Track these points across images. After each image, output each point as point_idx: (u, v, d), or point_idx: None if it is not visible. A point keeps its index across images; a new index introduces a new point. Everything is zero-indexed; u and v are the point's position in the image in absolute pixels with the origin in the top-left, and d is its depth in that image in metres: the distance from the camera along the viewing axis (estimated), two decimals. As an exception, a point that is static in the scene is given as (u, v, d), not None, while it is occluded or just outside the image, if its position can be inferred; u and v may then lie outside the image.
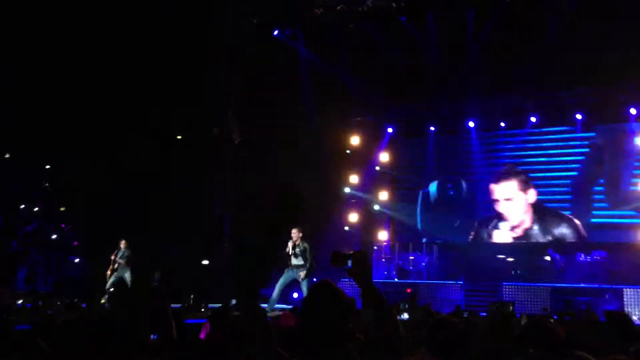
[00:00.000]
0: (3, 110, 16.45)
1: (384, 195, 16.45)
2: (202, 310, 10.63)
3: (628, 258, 13.01)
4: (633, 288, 11.49)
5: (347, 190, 16.37)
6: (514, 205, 15.02)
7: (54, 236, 17.07)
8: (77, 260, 16.42)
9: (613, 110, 14.05)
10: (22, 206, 17.12)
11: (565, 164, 14.78)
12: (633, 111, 13.78)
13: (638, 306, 10.71)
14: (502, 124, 15.31)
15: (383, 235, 16.29)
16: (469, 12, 13.76)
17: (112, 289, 11.11)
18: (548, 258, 13.59)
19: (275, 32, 15.31)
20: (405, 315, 6.92)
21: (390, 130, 16.46)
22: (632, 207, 13.70)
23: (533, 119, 14.86)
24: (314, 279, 10.74)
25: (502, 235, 15.08)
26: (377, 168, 16.60)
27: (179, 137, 17.29)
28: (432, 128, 16.02)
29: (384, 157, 16.61)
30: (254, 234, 14.36)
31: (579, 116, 14.39)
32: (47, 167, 18.84)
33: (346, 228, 16.21)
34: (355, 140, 16.44)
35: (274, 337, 2.80)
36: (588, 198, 14.47)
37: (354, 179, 16.42)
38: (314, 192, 16.25)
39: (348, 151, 16.48)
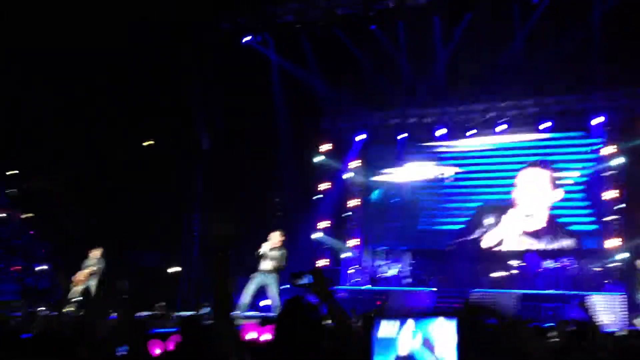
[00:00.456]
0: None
1: (354, 203, 16.52)
2: (172, 319, 10.47)
3: (592, 264, 13.30)
4: (599, 294, 11.74)
5: (317, 197, 16.38)
6: (536, 194, 14.81)
7: (17, 243, 16.68)
8: (42, 268, 16.05)
9: (576, 118, 14.40)
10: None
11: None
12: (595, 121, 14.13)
13: (605, 312, 10.92)
14: (470, 133, 15.48)
15: (354, 243, 16.34)
16: (436, 20, 13.97)
17: (76, 298, 10.83)
18: (522, 264, 13.64)
19: (246, 39, 15.29)
20: None
21: (361, 137, 16.54)
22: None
23: (502, 128, 15.04)
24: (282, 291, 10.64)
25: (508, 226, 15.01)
26: (348, 175, 16.64)
27: (149, 142, 17.11)
28: (402, 135, 16.13)
29: (354, 164, 16.67)
30: (224, 239, 14.24)
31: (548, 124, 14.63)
32: (12, 172, 18.45)
33: (316, 236, 16.18)
34: (325, 147, 16.47)
35: (245, 350, 2.78)
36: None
37: (323, 186, 16.44)
38: (284, 199, 16.28)
39: (318, 158, 16.50)
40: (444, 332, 0.80)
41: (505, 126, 14.94)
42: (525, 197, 14.89)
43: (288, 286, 10.52)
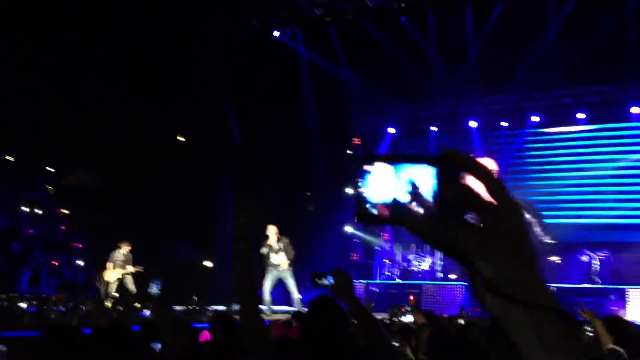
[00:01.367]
0: (5, 112, 16.50)
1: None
2: (206, 313, 10.60)
3: (631, 258, 12.97)
4: (636, 288, 11.45)
5: (348, 191, 16.37)
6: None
7: (56, 238, 17.10)
8: (80, 262, 16.44)
9: (611, 108, 14.07)
10: (26, 209, 17.15)
11: (569, 164, 14.72)
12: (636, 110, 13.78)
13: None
14: (504, 124, 15.25)
15: (385, 236, 16.28)
16: (468, 11, 13.76)
17: (115, 294, 11.02)
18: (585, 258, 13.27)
19: (276, 33, 15.32)
20: (410, 318, 6.89)
21: (391, 130, 16.45)
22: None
23: (535, 119, 14.80)
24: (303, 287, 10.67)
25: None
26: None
27: (180, 137, 17.33)
28: (433, 128, 16.00)
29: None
30: (251, 234, 14.34)
31: (581, 115, 14.34)
32: (50, 169, 18.91)
33: (347, 229, 16.21)
34: (356, 141, 16.44)
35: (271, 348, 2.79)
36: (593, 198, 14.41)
37: (356, 179, 16.39)
38: (315, 193, 16.31)
39: (349, 152, 16.49)
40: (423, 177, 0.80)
41: (537, 118, 14.69)
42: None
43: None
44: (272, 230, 10.23)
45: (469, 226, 0.75)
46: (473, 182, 0.79)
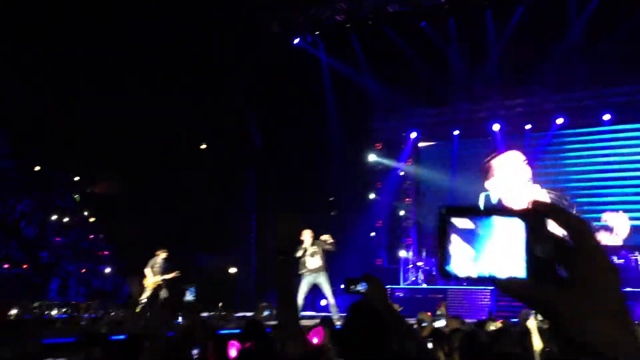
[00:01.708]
0: (32, 124, 16.82)
1: (410, 200, 16.45)
2: (233, 319, 10.69)
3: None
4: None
5: (372, 196, 16.39)
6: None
7: (84, 246, 17.35)
8: (107, 270, 16.65)
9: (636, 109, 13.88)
10: (53, 217, 17.44)
11: (598, 165, 14.56)
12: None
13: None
14: (528, 126, 15.12)
15: (409, 240, 16.27)
16: (488, 13, 13.71)
17: (145, 301, 11.08)
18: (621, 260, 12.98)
19: (296, 41, 15.42)
20: (441, 322, 6.86)
21: (413, 135, 16.41)
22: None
23: (559, 121, 14.67)
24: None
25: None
26: (402, 173, 16.58)
27: (203, 146, 17.50)
28: (455, 132, 15.93)
29: (408, 162, 16.59)
30: (286, 242, 14.44)
31: (606, 116, 14.17)
32: (76, 177, 19.21)
33: (372, 234, 16.24)
34: (378, 145, 16.47)
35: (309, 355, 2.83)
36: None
37: (378, 184, 16.45)
38: (337, 198, 16.34)
39: (371, 157, 16.51)
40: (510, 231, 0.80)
41: (562, 120, 14.55)
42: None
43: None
44: (307, 235, 10.14)
45: (563, 285, 0.74)
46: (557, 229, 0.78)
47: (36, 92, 15.92)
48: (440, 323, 6.68)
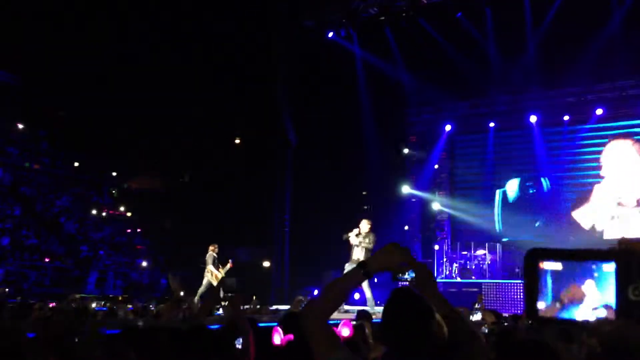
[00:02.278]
0: (69, 122, 17.17)
1: (444, 194, 16.29)
2: (268, 312, 10.72)
3: None
4: None
5: (405, 189, 16.27)
6: (627, 169, 13.97)
7: (121, 240, 17.67)
8: (144, 264, 16.92)
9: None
10: (92, 212, 17.80)
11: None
12: None
13: None
14: (565, 118, 14.77)
15: (443, 234, 16.12)
16: (526, 2, 13.41)
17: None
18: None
19: (330, 34, 15.36)
20: (478, 316, 6.78)
21: (448, 128, 16.21)
22: None
23: (599, 111, 14.29)
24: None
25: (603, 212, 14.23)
26: (436, 167, 16.41)
27: (237, 140, 17.62)
28: (491, 124, 15.67)
29: (442, 155, 16.41)
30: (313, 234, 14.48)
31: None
32: (113, 173, 19.57)
33: (406, 228, 16.13)
34: (412, 138, 16.34)
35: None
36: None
37: (411, 178, 16.33)
38: (371, 192, 16.28)
39: (406, 150, 16.39)
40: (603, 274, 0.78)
41: (601, 111, 14.18)
42: (614, 172, 14.13)
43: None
44: (364, 224, 10.03)
45: None
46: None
47: (73, 90, 16.23)
48: (476, 317, 6.59)
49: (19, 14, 14.81)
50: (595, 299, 0.82)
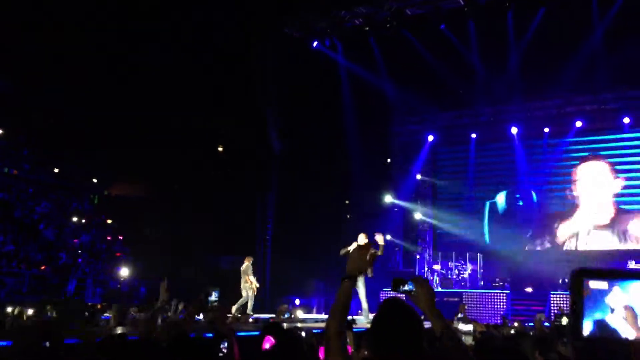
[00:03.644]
0: (50, 126, 16.97)
1: (426, 204, 16.39)
2: (249, 321, 10.64)
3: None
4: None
5: (388, 199, 16.32)
6: (597, 190, 14.37)
7: (101, 248, 17.44)
8: (123, 271, 16.70)
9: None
10: (72, 219, 17.56)
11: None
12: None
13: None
14: (546, 130, 14.98)
15: (425, 244, 16.20)
16: (509, 15, 13.57)
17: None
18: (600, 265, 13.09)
19: (315, 44, 15.40)
20: (470, 327, 6.78)
21: (430, 138, 16.34)
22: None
23: (579, 124, 14.51)
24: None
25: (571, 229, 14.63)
26: (419, 177, 16.51)
27: (220, 149, 17.56)
28: (473, 135, 15.84)
29: (425, 165, 16.52)
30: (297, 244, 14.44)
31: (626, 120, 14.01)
32: (94, 180, 19.37)
33: (388, 237, 16.14)
34: (395, 148, 16.42)
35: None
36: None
37: (394, 188, 16.40)
38: (354, 201, 16.31)
39: (388, 160, 16.47)
40: None
41: (581, 123, 14.42)
42: (587, 191, 14.47)
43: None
44: (360, 238, 10.04)
45: None
46: None
47: (54, 94, 16.07)
48: (467, 327, 6.62)
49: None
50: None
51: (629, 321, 0.85)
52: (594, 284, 0.92)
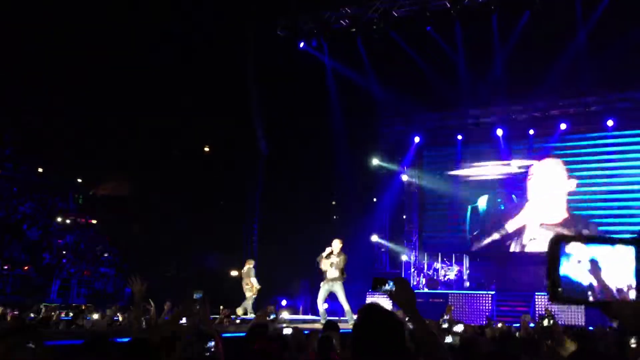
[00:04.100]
0: (34, 126, 16.82)
1: (412, 205, 16.44)
2: (234, 322, 10.62)
3: None
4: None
5: (374, 200, 16.37)
6: (550, 188, 14.69)
7: (85, 248, 17.32)
8: (108, 272, 16.60)
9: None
10: (57, 219, 17.41)
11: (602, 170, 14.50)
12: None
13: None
14: (531, 132, 15.11)
15: (411, 245, 16.25)
16: (494, 18, 13.66)
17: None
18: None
19: (301, 44, 15.39)
20: (461, 327, 6.81)
21: (416, 139, 16.39)
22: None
23: (563, 126, 14.65)
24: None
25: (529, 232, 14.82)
26: (404, 178, 16.57)
27: (206, 149, 17.50)
28: (459, 137, 15.92)
29: (411, 166, 16.58)
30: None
31: (610, 122, 14.16)
32: (78, 179, 19.21)
33: (374, 239, 16.20)
34: (381, 149, 16.45)
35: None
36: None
37: (380, 189, 16.44)
38: (341, 202, 16.33)
39: (375, 161, 16.49)
40: (620, 258, 0.84)
41: (565, 125, 14.56)
42: (539, 187, 14.76)
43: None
44: (334, 244, 10.25)
45: None
46: None
47: (38, 93, 15.93)
48: (458, 327, 6.65)
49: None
50: (614, 281, 0.91)
51: (593, 274, 0.92)
52: (570, 248, 0.98)
